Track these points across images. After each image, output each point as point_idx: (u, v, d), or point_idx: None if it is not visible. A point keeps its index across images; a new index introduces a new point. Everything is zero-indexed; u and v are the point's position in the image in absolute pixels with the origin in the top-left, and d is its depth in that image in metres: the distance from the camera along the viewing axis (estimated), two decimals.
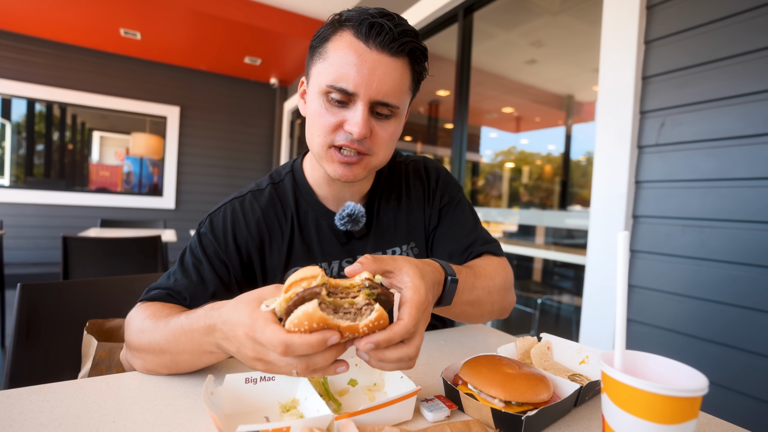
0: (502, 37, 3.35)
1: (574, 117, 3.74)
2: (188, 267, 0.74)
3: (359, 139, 0.68)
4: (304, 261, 0.81)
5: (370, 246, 0.84)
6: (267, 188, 0.83)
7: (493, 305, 0.76)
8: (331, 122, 0.69)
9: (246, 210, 0.80)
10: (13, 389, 0.52)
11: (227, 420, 0.48)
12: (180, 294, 0.71)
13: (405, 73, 0.69)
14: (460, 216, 0.89)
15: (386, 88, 0.67)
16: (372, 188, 0.87)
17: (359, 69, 0.65)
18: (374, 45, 0.65)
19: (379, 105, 0.68)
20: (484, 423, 0.51)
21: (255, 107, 6.21)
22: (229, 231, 0.77)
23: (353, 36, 0.66)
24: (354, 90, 0.66)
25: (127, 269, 2.30)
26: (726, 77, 1.26)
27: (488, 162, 4.42)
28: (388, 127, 0.71)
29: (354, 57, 0.65)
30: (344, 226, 0.81)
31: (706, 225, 1.29)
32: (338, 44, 0.67)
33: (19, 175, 5.08)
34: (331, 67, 0.67)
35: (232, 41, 4.64)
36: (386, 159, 0.76)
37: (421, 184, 0.91)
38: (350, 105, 0.68)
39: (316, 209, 0.83)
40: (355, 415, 0.46)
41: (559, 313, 3.22)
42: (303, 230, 0.82)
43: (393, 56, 0.67)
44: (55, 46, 4.95)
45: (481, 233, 0.88)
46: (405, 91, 0.71)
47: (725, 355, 1.24)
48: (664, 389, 0.35)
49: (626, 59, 1.49)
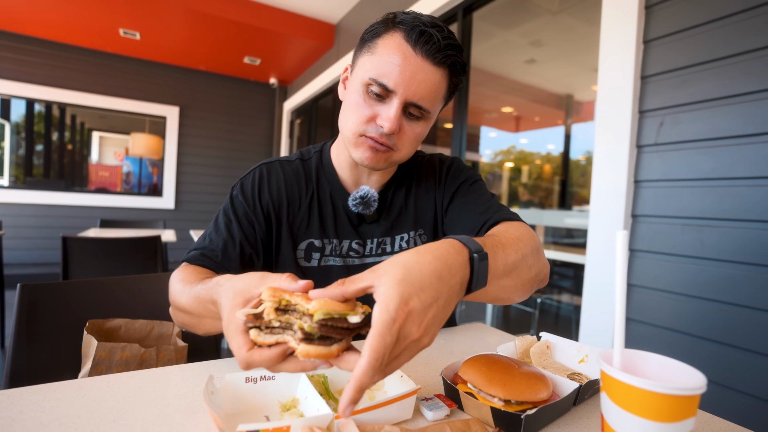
0: (501, 37, 3.35)
1: (573, 116, 3.74)
2: (221, 227, 0.82)
3: (389, 133, 0.73)
4: (317, 234, 0.86)
5: (379, 231, 0.89)
6: (295, 161, 0.91)
7: (530, 270, 0.66)
8: (366, 114, 0.74)
9: (272, 175, 0.87)
10: (14, 389, 0.52)
11: (227, 419, 0.49)
12: (213, 252, 0.79)
13: (443, 82, 0.74)
14: (475, 193, 0.89)
15: (422, 92, 0.72)
16: (390, 180, 0.92)
17: (402, 70, 0.70)
18: (420, 51, 0.70)
19: (413, 106, 0.73)
20: (484, 422, 0.51)
21: (254, 107, 6.20)
22: (256, 192, 0.84)
23: (403, 39, 0.71)
24: (393, 88, 0.71)
25: (127, 269, 2.30)
26: (724, 77, 1.26)
27: (488, 162, 4.42)
28: (416, 128, 0.77)
29: (399, 58, 0.70)
30: (356, 207, 0.86)
31: (705, 224, 1.29)
32: (388, 43, 0.72)
33: (19, 176, 5.08)
34: (377, 61, 0.72)
35: (232, 41, 4.64)
36: (408, 155, 0.81)
37: (433, 172, 0.94)
38: (386, 101, 0.73)
39: (335, 189, 0.89)
40: (354, 414, 0.46)
41: (558, 313, 3.23)
42: (321, 206, 0.87)
43: (435, 65, 0.71)
44: (54, 46, 4.94)
45: (496, 203, 0.85)
46: (438, 99, 0.76)
47: (724, 353, 1.24)
48: (663, 387, 0.35)
49: (625, 59, 1.50)
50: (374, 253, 0.89)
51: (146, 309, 1.06)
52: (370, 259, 0.89)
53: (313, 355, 0.43)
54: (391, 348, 0.41)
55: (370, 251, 0.89)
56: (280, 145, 6.17)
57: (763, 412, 1.15)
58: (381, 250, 0.89)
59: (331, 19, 4.47)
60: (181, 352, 0.89)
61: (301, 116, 5.85)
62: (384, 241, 0.89)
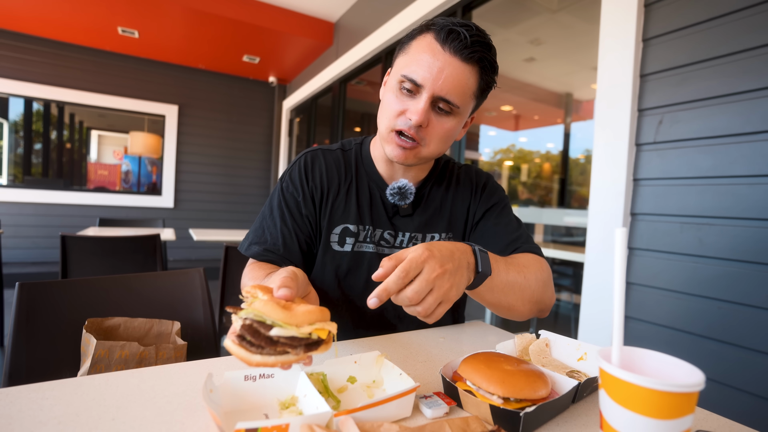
0: (500, 35, 3.35)
1: (572, 115, 3.74)
2: (276, 220, 0.89)
3: (416, 125, 0.76)
4: (354, 219, 0.89)
5: (413, 225, 0.92)
6: (336, 151, 0.95)
7: (532, 293, 0.77)
8: (397, 108, 0.78)
9: (315, 162, 0.92)
10: (12, 387, 0.52)
11: (226, 417, 0.49)
12: (275, 246, 0.86)
13: (471, 78, 0.76)
14: (506, 217, 0.96)
15: (450, 87, 0.74)
16: (426, 177, 0.96)
17: (430, 65, 0.74)
18: (449, 48, 0.73)
19: (441, 101, 0.76)
20: (483, 419, 0.51)
21: (254, 106, 6.19)
22: (304, 180, 0.90)
23: (433, 38, 0.75)
24: (421, 82, 0.74)
25: (126, 268, 2.30)
26: (723, 75, 1.26)
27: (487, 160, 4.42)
28: (445, 123, 0.79)
29: (428, 55, 0.74)
30: (393, 197, 0.89)
31: (703, 222, 1.30)
32: (420, 43, 0.77)
33: (17, 175, 5.07)
34: (409, 60, 0.77)
35: (231, 39, 4.63)
36: (437, 151, 0.83)
37: (470, 184, 0.99)
38: (416, 96, 0.76)
39: (373, 179, 0.93)
40: (353, 411, 0.46)
41: (558, 311, 3.23)
42: (359, 194, 0.91)
43: (463, 61, 0.74)
44: (53, 44, 4.93)
45: (524, 234, 0.93)
46: (468, 95, 0.78)
47: (722, 351, 1.24)
48: (661, 385, 0.35)
49: (624, 57, 1.50)
50: (404, 246, 0.92)
51: (145, 308, 1.06)
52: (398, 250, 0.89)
53: (233, 352, 0.45)
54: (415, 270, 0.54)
55: (400, 243, 0.92)
56: (280, 144, 6.16)
57: (761, 409, 1.15)
58: (412, 244, 0.91)
59: (330, 17, 4.47)
60: (180, 350, 0.89)
61: (300, 115, 5.85)
62: (416, 236, 0.92)
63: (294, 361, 0.46)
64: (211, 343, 1.10)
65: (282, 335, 0.45)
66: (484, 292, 0.69)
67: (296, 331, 0.46)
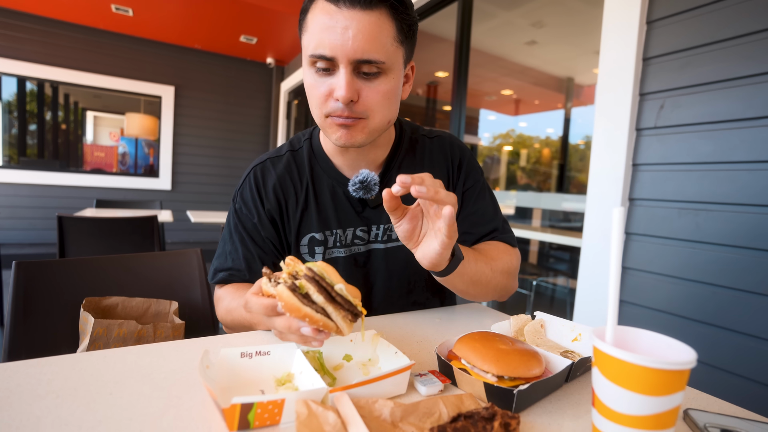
0: (502, 17, 3.29)
1: (573, 100, 3.70)
2: (237, 244, 0.84)
3: (345, 102, 0.68)
4: (317, 227, 0.84)
5: (386, 216, 0.85)
6: (285, 155, 0.87)
7: (497, 284, 0.80)
8: (322, 92, 0.70)
9: (265, 177, 0.85)
10: (11, 362, 0.52)
11: (223, 392, 0.49)
12: (240, 272, 0.83)
13: (384, 25, 0.66)
14: (482, 201, 0.90)
15: (365, 45, 0.65)
16: (390, 158, 0.87)
17: (333, 31, 0.64)
18: (344, 3, 0.64)
19: (363, 63, 0.66)
20: (477, 397, 0.51)
21: (251, 87, 6.12)
22: (257, 200, 0.84)
23: (325, 1, 0.66)
24: (332, 54, 0.65)
25: (123, 249, 2.30)
26: (727, 59, 1.25)
27: (486, 145, 4.40)
28: (379, 86, 0.69)
29: (326, 20, 0.65)
30: (356, 192, 0.81)
31: (701, 208, 1.30)
32: (313, 13, 0.68)
33: (12, 156, 5.02)
34: (310, 36, 0.68)
35: (227, 19, 4.54)
36: (386, 119, 0.74)
37: (445, 162, 0.90)
38: (334, 71, 0.68)
39: (332, 176, 0.85)
40: (349, 388, 0.46)
41: (554, 295, 3.26)
42: (318, 197, 0.85)
43: (366, 10, 0.64)
44: (45, 21, 4.83)
45: (500, 223, 0.90)
46: (390, 44, 0.68)
47: (718, 336, 1.26)
48: (653, 362, 0.35)
49: (627, 40, 1.47)
50: (380, 239, 0.86)
51: (143, 287, 1.06)
52: (375, 245, 0.87)
53: (284, 299, 0.49)
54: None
55: (375, 237, 0.86)
56: (278, 126, 6.10)
57: (755, 393, 1.18)
58: (387, 237, 0.86)
59: None
60: (178, 329, 0.90)
61: (298, 97, 5.78)
62: (390, 227, 0.86)
63: (333, 328, 0.50)
64: (209, 322, 1.10)
65: (343, 294, 0.50)
66: (455, 278, 0.70)
67: (352, 298, 0.50)
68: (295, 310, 0.48)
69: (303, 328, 0.50)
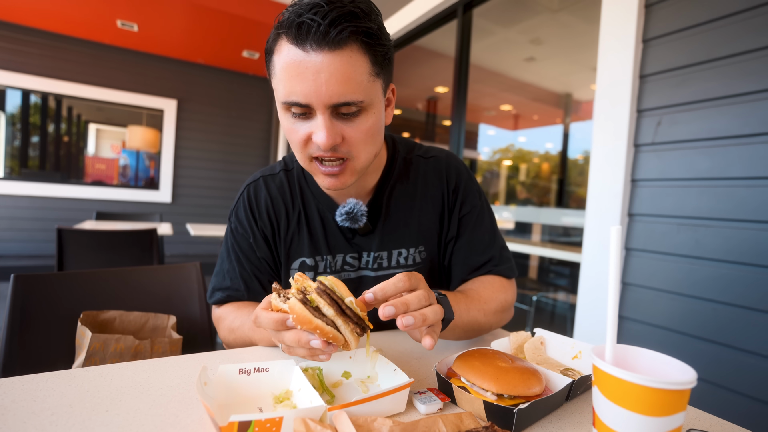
0: (501, 34, 3.35)
1: (572, 115, 3.74)
2: (234, 263, 0.84)
3: (326, 149, 0.65)
4: (308, 252, 0.82)
5: (375, 244, 0.82)
6: (279, 174, 0.86)
7: (490, 326, 0.80)
8: (301, 137, 0.66)
9: (258, 196, 0.84)
10: (6, 378, 0.51)
11: (220, 410, 0.49)
12: (238, 291, 0.84)
13: (357, 62, 0.61)
14: (479, 229, 0.86)
15: (339, 89, 0.61)
16: (381, 181, 0.83)
17: (303, 78, 0.60)
18: (310, 46, 0.59)
19: (341, 106, 0.63)
20: (477, 416, 0.51)
21: (253, 101, 6.18)
22: (251, 219, 0.83)
23: (289, 43, 0.61)
24: (306, 101, 0.62)
25: (122, 262, 2.30)
26: (723, 77, 1.27)
27: (486, 160, 4.42)
28: (361, 125, 0.66)
29: (294, 67, 0.61)
30: (343, 223, 0.79)
31: (700, 224, 1.30)
32: (279, 56, 0.63)
33: (14, 167, 5.04)
34: (280, 83, 0.64)
35: (230, 34, 4.61)
36: (371, 156, 0.72)
37: (440, 186, 0.86)
38: (311, 116, 0.65)
39: (321, 201, 0.83)
40: (348, 406, 0.46)
41: (554, 311, 3.24)
42: (309, 222, 0.83)
43: (335, 50, 0.59)
44: (51, 36, 4.90)
45: (497, 251, 0.86)
46: (366, 81, 0.63)
47: (718, 352, 1.25)
48: (653, 382, 0.35)
49: (624, 57, 1.50)
50: (370, 266, 0.83)
51: (141, 301, 1.06)
52: (365, 272, 0.84)
53: (296, 312, 0.50)
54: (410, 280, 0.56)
55: (366, 264, 0.83)
56: (278, 141, 6.14)
57: (755, 411, 1.16)
58: (377, 265, 0.83)
59: None
60: (175, 344, 0.89)
61: None
62: (381, 255, 0.83)
63: (341, 341, 0.51)
64: (207, 337, 1.10)
65: (353, 308, 0.52)
66: (446, 334, 0.70)
67: (360, 312, 0.53)
68: (307, 322, 0.50)
69: (313, 341, 0.52)
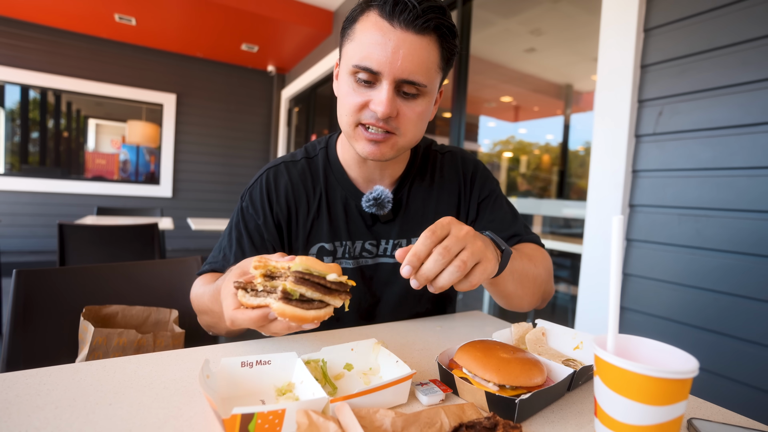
0: (501, 25, 3.32)
1: (572, 106, 3.72)
2: (233, 241, 0.83)
3: (383, 118, 0.68)
4: (327, 237, 0.83)
5: (395, 231, 0.85)
6: (301, 161, 0.87)
7: (542, 281, 0.78)
8: (358, 102, 0.70)
9: (278, 181, 0.84)
10: (10, 372, 0.52)
11: (223, 403, 0.49)
12: (225, 266, 0.81)
13: (432, 50, 0.68)
14: (500, 210, 0.89)
15: (412, 67, 0.66)
16: (404, 173, 0.87)
17: (383, 48, 0.65)
18: (399, 23, 0.65)
19: (406, 84, 0.68)
20: (479, 406, 0.51)
21: (252, 95, 6.15)
22: (266, 203, 0.82)
23: (378, 15, 0.66)
24: (378, 69, 0.66)
25: (124, 257, 2.30)
26: (724, 66, 1.25)
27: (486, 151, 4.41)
28: (416, 107, 0.71)
29: (378, 36, 0.66)
30: (370, 208, 0.82)
31: (702, 214, 1.30)
32: (364, 24, 0.68)
33: (14, 163, 5.04)
34: (357, 47, 0.68)
35: (229, 28, 4.58)
36: (415, 139, 0.75)
37: (456, 176, 0.90)
38: (376, 85, 0.68)
39: (345, 188, 0.85)
40: (350, 398, 0.46)
41: (555, 302, 3.25)
42: (330, 208, 0.84)
43: (419, 34, 0.66)
44: (49, 31, 4.87)
45: (521, 228, 0.88)
46: (433, 70, 0.70)
47: (719, 342, 1.25)
48: (655, 371, 0.35)
49: (625, 47, 1.48)
50: (388, 253, 0.86)
51: (143, 296, 1.06)
52: (383, 258, 0.86)
53: (288, 314, 0.49)
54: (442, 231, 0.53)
55: (384, 251, 0.86)
56: (278, 134, 6.12)
57: (757, 400, 1.17)
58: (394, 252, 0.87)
59: (329, 6, 4.41)
60: (178, 338, 0.90)
61: (299, 104, 5.80)
62: (400, 243, 0.86)
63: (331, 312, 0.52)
64: None
65: (335, 280, 0.51)
66: (506, 279, 0.67)
67: (342, 278, 0.52)
68: (303, 319, 0.49)
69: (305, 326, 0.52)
